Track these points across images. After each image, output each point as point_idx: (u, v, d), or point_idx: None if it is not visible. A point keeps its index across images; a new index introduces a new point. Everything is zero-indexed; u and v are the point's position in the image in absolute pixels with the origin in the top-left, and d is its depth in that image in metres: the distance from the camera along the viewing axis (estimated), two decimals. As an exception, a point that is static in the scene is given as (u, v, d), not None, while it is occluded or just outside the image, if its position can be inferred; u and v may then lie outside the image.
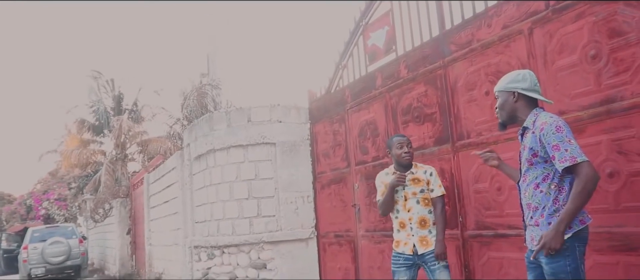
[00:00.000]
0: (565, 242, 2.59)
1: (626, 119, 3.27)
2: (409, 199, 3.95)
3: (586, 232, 2.69)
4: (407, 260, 3.94)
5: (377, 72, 5.89)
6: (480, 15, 4.42)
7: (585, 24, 3.51)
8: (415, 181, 3.99)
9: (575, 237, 2.62)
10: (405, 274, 3.94)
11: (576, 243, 2.62)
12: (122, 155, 17.92)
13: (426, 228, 3.93)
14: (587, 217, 2.71)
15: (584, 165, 2.57)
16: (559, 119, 2.73)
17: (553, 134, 2.64)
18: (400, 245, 4.00)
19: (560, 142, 2.62)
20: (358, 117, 6.26)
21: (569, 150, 2.60)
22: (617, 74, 3.32)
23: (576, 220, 2.63)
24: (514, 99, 2.88)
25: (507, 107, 2.92)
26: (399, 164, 4.05)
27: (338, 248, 6.70)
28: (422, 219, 3.93)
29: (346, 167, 6.50)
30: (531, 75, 2.89)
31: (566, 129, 2.66)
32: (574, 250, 2.61)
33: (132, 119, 18.57)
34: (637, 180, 3.22)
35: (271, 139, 7.24)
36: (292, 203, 7.19)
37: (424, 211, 3.95)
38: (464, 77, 4.58)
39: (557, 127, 2.65)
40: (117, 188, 16.36)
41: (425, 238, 3.91)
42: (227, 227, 7.26)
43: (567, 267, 2.59)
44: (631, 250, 3.25)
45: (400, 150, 4.01)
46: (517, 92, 2.86)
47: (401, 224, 3.99)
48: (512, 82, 2.90)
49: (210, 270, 7.50)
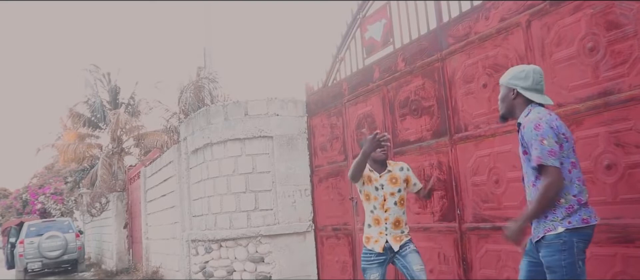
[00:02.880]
0: (562, 237, 2.60)
1: (624, 111, 3.27)
2: (387, 199, 3.93)
3: (590, 231, 2.69)
4: (379, 256, 3.92)
5: (374, 65, 5.88)
6: (477, 8, 4.42)
7: (582, 17, 3.51)
8: (392, 180, 3.95)
9: (575, 233, 2.62)
10: (377, 271, 3.92)
11: (575, 239, 2.62)
12: (119, 149, 17.87)
13: (400, 228, 3.94)
14: (593, 218, 2.71)
15: (548, 169, 2.62)
16: (544, 117, 2.72)
17: (531, 132, 2.69)
18: (370, 242, 3.96)
19: (534, 140, 2.66)
20: (355, 110, 6.25)
21: (538, 150, 2.64)
22: (615, 66, 3.32)
23: (578, 218, 2.64)
24: (513, 95, 2.90)
25: (507, 101, 2.94)
26: (374, 162, 4.00)
27: (336, 241, 6.71)
28: (397, 220, 3.93)
29: (343, 161, 6.50)
30: (535, 73, 2.85)
31: (545, 128, 2.66)
32: (572, 246, 2.61)
33: (128, 112, 18.50)
34: (634, 172, 3.22)
35: (268, 133, 7.23)
36: (289, 196, 7.19)
37: (400, 212, 3.95)
38: (462, 70, 4.58)
39: (535, 126, 2.68)
40: (113, 182, 16.33)
41: (398, 236, 3.92)
42: (225, 221, 7.26)
43: (562, 261, 2.61)
44: (629, 242, 3.26)
45: None
46: (517, 89, 2.87)
47: (376, 220, 3.95)
48: (513, 78, 2.90)
49: (207, 264, 7.50)
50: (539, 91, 2.86)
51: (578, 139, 3.55)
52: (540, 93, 2.86)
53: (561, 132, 2.70)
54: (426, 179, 4.96)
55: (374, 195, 3.94)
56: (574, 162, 2.73)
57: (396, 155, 5.44)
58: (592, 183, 3.47)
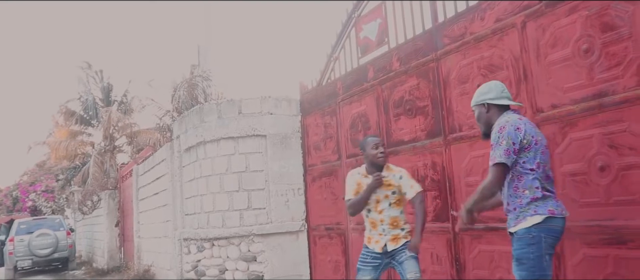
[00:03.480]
0: (532, 231, 2.78)
1: (618, 112, 3.28)
2: (381, 201, 3.91)
3: (558, 225, 2.83)
4: (375, 258, 3.91)
5: (369, 64, 5.87)
6: (473, 8, 4.42)
7: (578, 18, 3.51)
8: (386, 184, 3.91)
9: (543, 228, 2.78)
10: (370, 274, 3.90)
11: (542, 234, 2.78)
12: (111, 146, 17.78)
13: (398, 227, 3.91)
14: (559, 211, 2.86)
15: (496, 168, 2.86)
16: (511, 120, 2.90)
17: (495, 133, 2.91)
18: (371, 242, 3.96)
19: (495, 142, 2.89)
20: (349, 110, 6.24)
21: (495, 150, 2.85)
22: (609, 68, 3.33)
23: (544, 208, 2.81)
24: (485, 110, 3.12)
25: (482, 118, 3.15)
26: (372, 165, 3.96)
27: (328, 241, 6.70)
28: (393, 220, 3.90)
29: (337, 160, 6.49)
30: (496, 85, 3.12)
31: (508, 129, 2.84)
32: (540, 241, 2.77)
33: (121, 110, 18.42)
34: (628, 174, 3.23)
35: (262, 131, 7.20)
36: (282, 195, 7.17)
37: (396, 212, 3.92)
38: (457, 70, 4.58)
39: (500, 128, 2.89)
40: (105, 180, 16.23)
41: (397, 236, 3.89)
42: (217, 220, 7.23)
43: (530, 254, 2.77)
44: (621, 244, 3.27)
45: (376, 151, 3.92)
46: (487, 103, 3.08)
47: (372, 224, 3.95)
48: (479, 96, 3.15)
49: (199, 262, 7.47)
50: (506, 98, 3.09)
51: (572, 141, 3.57)
52: (508, 99, 3.09)
53: (529, 134, 2.86)
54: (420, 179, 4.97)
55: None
56: (539, 163, 2.87)
57: (390, 155, 5.43)
58: (585, 184, 3.48)
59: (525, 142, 2.82)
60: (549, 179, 2.92)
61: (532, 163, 2.84)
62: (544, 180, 2.87)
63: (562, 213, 2.85)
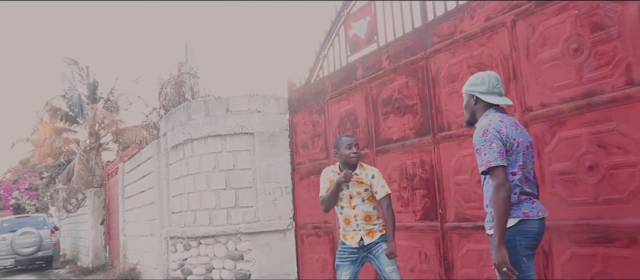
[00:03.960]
0: (506, 235, 2.71)
1: (606, 112, 3.29)
2: (354, 197, 3.96)
3: (534, 227, 2.81)
4: (352, 254, 3.95)
5: (358, 62, 5.86)
6: (463, 7, 4.41)
7: (567, 17, 3.52)
8: (358, 183, 3.97)
9: (517, 231, 2.76)
10: (349, 268, 3.95)
11: (517, 237, 2.76)
12: (97, 144, 17.59)
13: (371, 222, 3.95)
14: (535, 213, 2.83)
15: (496, 171, 2.75)
16: (493, 123, 2.85)
17: (479, 137, 2.83)
18: (347, 239, 3.99)
19: (482, 146, 2.80)
20: (338, 108, 6.22)
21: (488, 154, 2.77)
22: (598, 67, 3.34)
23: (518, 211, 2.79)
24: (474, 101, 3.06)
25: (469, 108, 3.11)
26: (345, 164, 4.01)
27: (316, 239, 6.67)
28: (367, 215, 3.95)
29: (325, 158, 6.47)
30: (490, 78, 3.02)
31: (492, 133, 2.79)
32: (515, 244, 2.74)
33: (107, 107, 18.23)
34: (616, 173, 3.24)
35: (250, 129, 7.16)
36: (270, 194, 7.14)
37: (369, 208, 3.97)
38: (446, 69, 4.57)
39: (484, 131, 2.82)
40: (90, 178, 16.06)
41: (371, 230, 3.94)
42: (204, 218, 7.18)
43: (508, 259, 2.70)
44: (609, 242, 3.28)
45: (349, 151, 3.97)
46: (476, 95, 3.03)
47: (346, 220, 3.99)
48: (471, 85, 3.08)
49: (186, 261, 7.41)
50: (497, 94, 3.02)
51: (561, 140, 3.58)
52: (499, 95, 3.02)
53: (511, 137, 2.82)
54: (408, 177, 4.96)
55: (340, 196, 3.98)
56: (522, 165, 2.85)
57: (378, 154, 5.43)
58: (574, 183, 3.49)
59: (507, 146, 2.80)
60: (528, 181, 2.89)
61: (514, 166, 2.82)
62: (523, 183, 2.85)
63: (538, 215, 2.82)
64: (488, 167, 2.76)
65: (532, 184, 2.93)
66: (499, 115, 2.94)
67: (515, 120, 3.04)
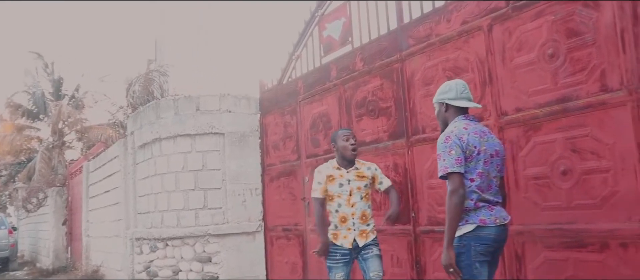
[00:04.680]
0: (463, 240, 2.83)
1: (581, 117, 3.31)
2: (353, 193, 3.86)
3: (490, 233, 2.85)
4: (345, 255, 3.86)
5: (332, 64, 5.81)
6: (439, 10, 4.41)
7: (544, 23, 3.54)
8: (360, 177, 3.90)
9: (473, 236, 2.83)
10: (343, 269, 3.86)
11: (472, 243, 2.83)
12: (60, 142, 17.12)
13: (366, 222, 3.89)
14: (492, 220, 2.87)
15: (452, 177, 2.82)
16: (456, 131, 2.91)
17: (441, 144, 2.91)
18: (339, 238, 3.86)
19: (443, 152, 2.88)
20: (310, 109, 6.16)
21: (446, 160, 2.85)
22: (574, 73, 3.36)
23: (475, 218, 2.85)
24: (444, 109, 3.13)
25: (440, 116, 3.18)
26: (343, 158, 3.92)
27: (286, 242, 6.59)
28: (363, 214, 3.87)
29: (296, 160, 6.40)
30: (457, 85, 3.11)
31: (453, 139, 2.86)
32: (469, 249, 2.82)
33: (72, 105, 17.77)
34: (589, 178, 3.27)
35: (220, 129, 7.04)
36: (239, 195, 7.03)
37: (365, 206, 3.90)
38: (421, 72, 4.56)
39: (446, 137, 2.90)
40: (53, 176, 15.63)
41: (365, 231, 3.87)
42: (172, 219, 7.02)
43: (460, 263, 2.83)
44: (581, 247, 3.30)
45: (346, 143, 3.89)
46: (445, 102, 3.09)
47: (342, 219, 3.87)
48: (440, 94, 3.15)
49: (152, 263, 7.23)
50: (466, 99, 3.09)
51: (535, 145, 3.59)
52: (468, 100, 3.10)
53: (472, 144, 2.87)
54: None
55: (338, 193, 3.86)
56: (482, 172, 2.89)
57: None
58: (547, 188, 3.50)
59: (467, 153, 2.86)
60: (490, 188, 2.93)
61: (472, 173, 2.88)
62: (483, 191, 2.89)
63: (496, 222, 2.87)
64: (446, 173, 2.84)
65: (495, 192, 2.96)
66: (465, 122, 3.01)
67: (484, 129, 3.05)
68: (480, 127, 3.04)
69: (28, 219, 18.30)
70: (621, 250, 3.11)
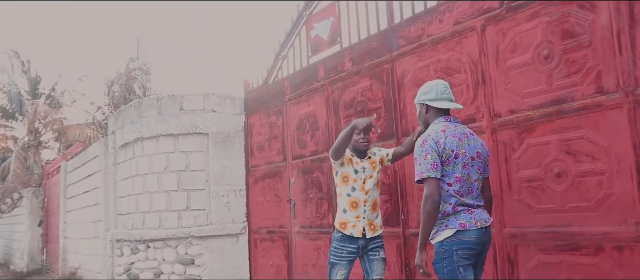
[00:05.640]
0: (444, 245, 2.84)
1: (576, 119, 3.29)
2: (367, 181, 3.85)
3: (471, 237, 2.84)
4: (351, 253, 3.80)
5: (319, 64, 5.74)
6: (431, 10, 4.36)
7: (539, 24, 3.51)
8: (372, 165, 3.90)
9: (454, 241, 2.82)
10: (346, 268, 3.81)
11: (454, 247, 2.82)
12: (36, 142, 16.73)
13: (375, 212, 3.87)
14: (472, 223, 2.86)
15: (428, 182, 2.83)
16: (433, 134, 2.92)
17: (418, 148, 2.92)
18: (348, 227, 3.78)
19: (419, 156, 2.89)
20: (297, 110, 6.08)
21: (422, 165, 2.85)
22: (569, 75, 3.34)
23: (455, 222, 2.84)
24: (425, 110, 3.15)
25: (422, 117, 3.20)
26: (356, 150, 3.93)
27: (270, 244, 6.49)
28: (374, 202, 3.86)
29: (282, 161, 6.31)
30: (437, 85, 3.11)
31: (430, 143, 2.87)
32: (452, 254, 2.82)
33: (49, 104, 17.39)
34: (584, 180, 3.24)
35: (204, 129, 6.92)
36: (223, 196, 6.91)
37: (376, 194, 3.90)
38: (412, 72, 4.51)
39: (422, 142, 2.91)
40: (28, 177, 15.25)
41: (373, 222, 3.83)
42: (154, 220, 6.87)
43: (444, 268, 2.84)
44: (575, 250, 3.27)
45: (358, 137, 3.87)
46: (426, 103, 3.11)
47: (353, 204, 3.80)
48: (421, 95, 3.16)
49: (133, 265, 7.06)
50: (446, 99, 3.08)
51: (529, 146, 3.56)
52: (449, 101, 3.09)
53: (449, 148, 2.87)
54: None
55: (354, 177, 3.82)
56: (460, 176, 2.89)
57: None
58: (541, 190, 3.47)
59: (444, 157, 2.86)
60: (470, 192, 2.93)
61: (450, 177, 2.87)
62: (464, 194, 2.89)
63: (477, 225, 2.86)
64: (421, 178, 2.85)
65: (476, 195, 2.96)
66: (444, 124, 2.99)
67: (465, 131, 3.03)
68: (461, 129, 3.01)
69: (1, 220, 17.85)
70: (616, 253, 3.09)
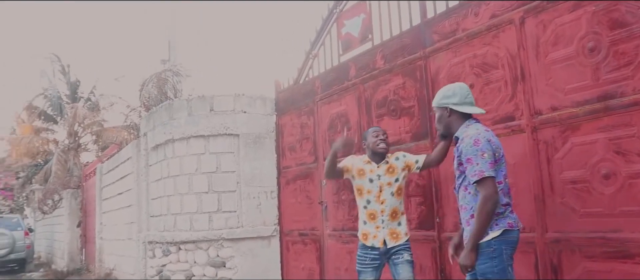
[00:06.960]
0: (492, 244, 2.75)
1: (626, 116, 3.04)
2: (384, 190, 3.74)
3: (515, 236, 2.83)
4: (374, 259, 3.74)
5: (350, 62, 5.57)
6: (466, 4, 4.15)
7: (583, 14, 3.27)
8: (390, 170, 3.77)
9: (503, 240, 2.76)
10: (372, 275, 3.76)
11: (503, 246, 2.76)
12: (75, 144, 17.05)
13: (396, 220, 3.75)
14: (517, 224, 2.86)
15: (486, 182, 2.73)
16: (482, 133, 2.85)
17: (470, 147, 2.81)
18: (369, 238, 3.75)
19: (474, 155, 2.78)
20: (328, 109, 5.93)
21: (480, 164, 2.75)
22: (618, 68, 3.09)
23: (504, 222, 2.79)
24: (447, 113, 3.07)
25: (443, 121, 3.12)
26: (374, 153, 3.82)
27: (302, 247, 6.36)
28: (393, 211, 3.74)
29: (313, 162, 6.17)
30: (461, 89, 3.05)
31: (483, 142, 2.79)
32: (501, 253, 2.75)
33: (88, 107, 17.70)
34: (636, 182, 2.99)
35: (234, 130, 6.84)
36: (254, 198, 6.81)
37: (396, 202, 3.77)
38: (447, 69, 4.30)
39: (475, 141, 2.81)
40: (68, 178, 15.54)
41: (395, 231, 3.73)
42: (185, 222, 6.82)
43: (494, 268, 2.75)
44: (627, 258, 3.02)
45: (376, 139, 3.80)
46: (449, 107, 3.03)
47: (371, 216, 3.76)
48: (443, 98, 3.08)
49: (165, 267, 7.04)
50: (469, 104, 3.03)
51: (573, 146, 3.33)
52: (471, 105, 3.04)
53: (498, 147, 2.85)
54: None
55: (368, 188, 3.75)
56: (505, 176, 2.89)
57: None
58: (587, 193, 3.23)
59: (496, 156, 2.81)
60: (509, 191, 2.93)
61: (499, 177, 2.83)
62: (506, 194, 2.87)
63: (518, 226, 2.86)
64: (481, 177, 2.73)
65: (509, 195, 2.94)
66: (481, 126, 2.95)
67: None
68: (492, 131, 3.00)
69: (44, 221, 18.31)
70: (672, 262, 2.83)
